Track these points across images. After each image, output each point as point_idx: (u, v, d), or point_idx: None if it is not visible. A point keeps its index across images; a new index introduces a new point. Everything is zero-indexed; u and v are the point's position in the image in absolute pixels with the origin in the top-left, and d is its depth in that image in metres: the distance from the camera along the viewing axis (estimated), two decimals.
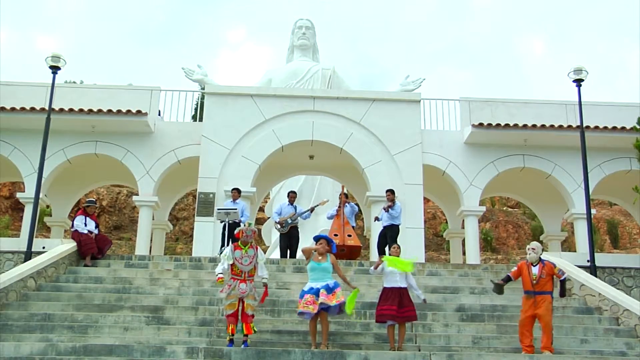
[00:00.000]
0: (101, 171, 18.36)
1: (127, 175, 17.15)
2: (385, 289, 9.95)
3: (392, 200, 14.78)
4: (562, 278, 10.17)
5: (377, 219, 15.35)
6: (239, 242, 9.97)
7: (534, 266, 10.06)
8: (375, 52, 66.08)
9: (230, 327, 9.51)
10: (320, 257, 9.87)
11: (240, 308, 9.63)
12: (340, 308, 9.63)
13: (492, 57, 65.90)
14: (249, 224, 10.21)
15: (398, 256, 10.23)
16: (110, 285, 12.24)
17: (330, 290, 9.55)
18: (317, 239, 10.09)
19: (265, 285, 10.01)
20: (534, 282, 9.93)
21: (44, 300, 11.39)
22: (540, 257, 10.17)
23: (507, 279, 10.33)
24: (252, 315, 9.65)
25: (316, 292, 9.52)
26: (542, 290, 9.93)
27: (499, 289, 10.23)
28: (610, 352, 10.02)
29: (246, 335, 9.54)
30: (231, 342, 9.47)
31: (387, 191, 15.04)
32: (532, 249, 10.13)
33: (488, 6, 66.50)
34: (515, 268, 10.30)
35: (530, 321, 9.85)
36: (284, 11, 58.65)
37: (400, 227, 14.92)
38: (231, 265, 9.76)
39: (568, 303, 12.19)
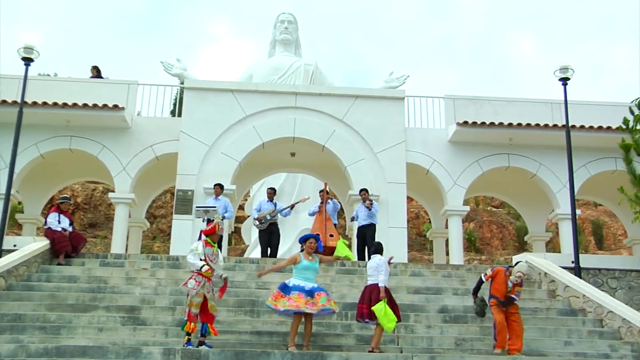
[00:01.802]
0: (76, 167, 18.20)
1: (102, 171, 17.02)
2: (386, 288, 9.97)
3: (369, 199, 14.89)
4: (514, 297, 10.13)
5: (353, 219, 15.45)
6: (208, 238, 9.89)
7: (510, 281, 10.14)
8: (359, 48, 66.22)
9: (191, 326, 9.37)
10: (310, 257, 9.94)
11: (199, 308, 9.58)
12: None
13: (479, 55, 66.30)
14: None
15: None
16: (84, 285, 12.13)
17: (327, 294, 9.74)
18: (305, 238, 10.11)
19: (225, 279, 9.93)
20: (507, 294, 10.07)
21: (14, 300, 11.26)
22: None
23: (480, 283, 10.41)
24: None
25: (309, 293, 9.55)
26: (510, 300, 10.13)
27: (482, 310, 10.42)
28: (594, 354, 10.13)
29: (204, 337, 9.49)
30: (190, 342, 9.39)
31: (362, 190, 15.17)
32: (523, 273, 10.09)
33: (476, 3, 66.88)
34: (490, 272, 10.29)
35: (505, 321, 9.97)
36: (266, 5, 58.54)
37: (376, 226, 15.02)
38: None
39: (552, 305, 12.31)
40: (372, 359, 9.10)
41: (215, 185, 15.18)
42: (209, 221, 13.63)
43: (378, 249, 10.31)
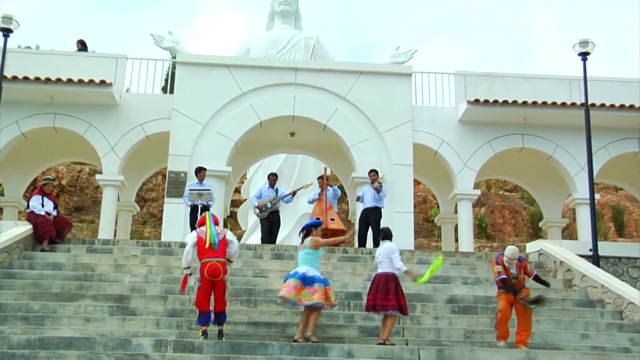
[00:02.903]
0: (60, 147, 18.17)
1: (89, 151, 16.99)
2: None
3: (379, 181, 14.89)
4: (533, 276, 10.55)
5: (359, 198, 15.42)
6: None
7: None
8: (364, 20, 65.84)
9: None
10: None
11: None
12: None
13: (492, 29, 65.93)
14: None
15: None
16: (70, 272, 12.15)
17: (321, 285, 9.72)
18: (315, 225, 10.20)
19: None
20: (515, 281, 10.08)
21: None
22: None
23: (505, 281, 10.30)
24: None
25: (303, 279, 9.61)
26: (521, 287, 10.12)
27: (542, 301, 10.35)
28: (612, 348, 10.13)
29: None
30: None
31: (372, 171, 15.17)
32: (509, 257, 10.03)
33: None
34: (502, 267, 10.12)
35: (511, 310, 10.02)
36: None
37: (382, 210, 15.07)
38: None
39: (568, 295, 12.32)
40: (376, 351, 9.12)
41: (198, 168, 14.91)
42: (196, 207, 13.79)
43: (388, 234, 10.34)
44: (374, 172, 15.12)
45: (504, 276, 10.03)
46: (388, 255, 9.98)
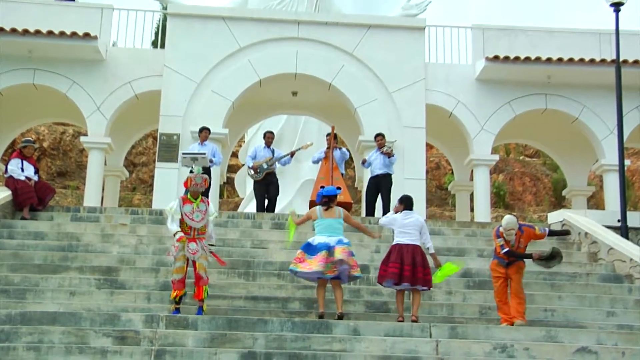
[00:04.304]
0: (41, 106, 18.13)
1: (73, 111, 16.97)
2: None
3: (388, 146, 14.85)
4: (547, 233, 10.70)
5: (364, 162, 15.34)
6: (189, 195, 9.93)
7: None
8: None
9: (174, 294, 9.58)
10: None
11: (189, 271, 9.76)
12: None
13: None
14: (198, 170, 10.08)
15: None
16: (53, 242, 12.19)
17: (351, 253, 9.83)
18: (335, 195, 10.28)
19: (211, 252, 9.97)
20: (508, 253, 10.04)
21: None
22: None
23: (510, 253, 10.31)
24: (207, 279, 9.66)
25: (330, 249, 9.65)
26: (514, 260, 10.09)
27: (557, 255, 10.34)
28: None
29: (202, 301, 9.59)
30: (177, 310, 9.55)
31: (378, 135, 15.12)
32: (511, 229, 9.93)
33: None
34: (503, 240, 10.03)
35: (505, 289, 10.04)
36: None
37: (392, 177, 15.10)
38: (180, 221, 9.76)
39: (593, 269, 12.34)
40: (384, 328, 9.14)
41: (201, 129, 15.01)
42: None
43: (411, 203, 10.38)
44: (380, 136, 15.04)
45: (507, 248, 10.01)
46: (419, 229, 10.06)
